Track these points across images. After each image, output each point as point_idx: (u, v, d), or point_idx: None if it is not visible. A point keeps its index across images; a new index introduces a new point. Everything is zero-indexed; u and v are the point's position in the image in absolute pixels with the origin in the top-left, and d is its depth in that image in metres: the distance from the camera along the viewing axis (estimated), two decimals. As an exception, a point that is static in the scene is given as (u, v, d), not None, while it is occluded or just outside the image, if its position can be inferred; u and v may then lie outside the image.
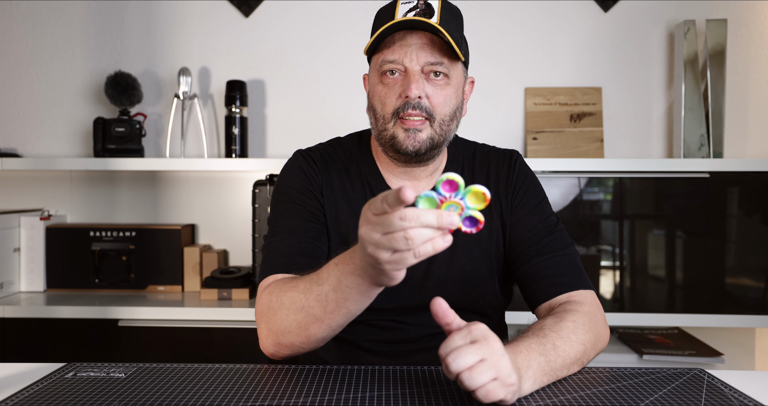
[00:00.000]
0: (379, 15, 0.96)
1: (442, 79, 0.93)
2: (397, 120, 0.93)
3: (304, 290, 0.80)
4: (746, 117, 1.97)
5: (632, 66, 1.98)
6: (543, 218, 1.00)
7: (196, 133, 2.00)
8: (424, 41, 0.91)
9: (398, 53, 0.91)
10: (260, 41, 1.99)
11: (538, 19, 1.98)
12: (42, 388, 0.77)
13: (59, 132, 2.01)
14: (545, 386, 0.77)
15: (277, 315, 0.83)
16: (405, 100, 0.91)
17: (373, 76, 0.97)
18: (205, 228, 2.01)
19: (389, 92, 0.93)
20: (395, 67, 0.92)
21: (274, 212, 1.00)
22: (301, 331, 0.82)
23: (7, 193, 2.02)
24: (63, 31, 1.99)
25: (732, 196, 1.75)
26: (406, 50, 0.91)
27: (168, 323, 1.67)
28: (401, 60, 0.91)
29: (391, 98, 0.93)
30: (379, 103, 0.94)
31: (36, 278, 1.86)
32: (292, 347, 0.85)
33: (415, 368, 0.85)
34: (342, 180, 1.01)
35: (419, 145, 0.93)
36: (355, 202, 1.00)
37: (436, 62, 0.91)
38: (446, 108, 0.94)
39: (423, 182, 1.01)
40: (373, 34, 0.93)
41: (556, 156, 1.90)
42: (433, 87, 0.92)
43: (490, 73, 1.97)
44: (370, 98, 0.98)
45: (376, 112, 0.96)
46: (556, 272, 0.95)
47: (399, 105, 0.92)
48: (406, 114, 0.92)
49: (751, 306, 1.73)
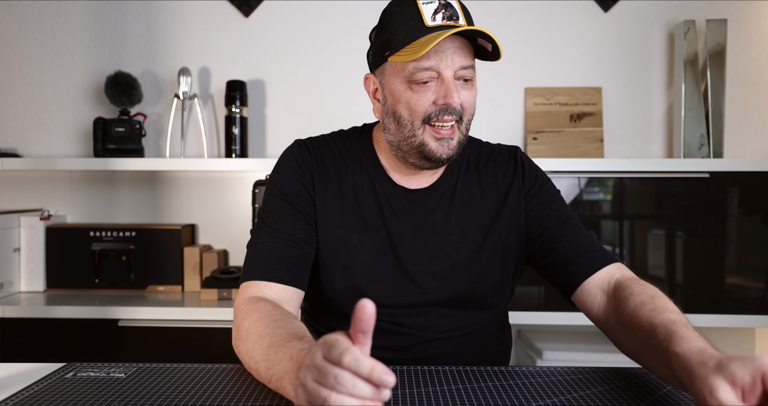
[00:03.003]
0: (396, 14, 0.92)
1: (469, 83, 0.93)
2: (427, 126, 0.92)
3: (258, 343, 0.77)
4: (746, 117, 1.97)
5: (632, 66, 1.98)
6: (563, 204, 1.02)
7: (196, 133, 2.00)
8: (457, 45, 0.90)
9: (434, 60, 0.89)
10: (260, 41, 1.99)
11: (538, 19, 1.98)
12: (42, 388, 0.77)
13: (59, 132, 2.01)
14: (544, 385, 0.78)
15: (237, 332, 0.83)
16: (441, 107, 0.90)
17: (395, 82, 0.93)
18: (205, 228, 2.01)
19: (420, 99, 0.91)
20: (429, 73, 0.90)
21: (264, 205, 1.00)
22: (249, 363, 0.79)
23: (7, 193, 2.02)
24: (63, 32, 1.99)
25: (732, 196, 1.75)
26: (441, 56, 0.89)
27: (168, 323, 1.67)
28: (437, 66, 0.89)
29: (423, 105, 0.91)
30: (407, 109, 0.92)
31: (36, 278, 1.86)
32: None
33: (415, 368, 0.85)
34: (339, 169, 1.01)
35: (452, 152, 0.93)
36: (352, 191, 0.99)
37: (468, 66, 0.91)
38: (472, 108, 0.94)
39: (427, 178, 1.01)
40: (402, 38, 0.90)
41: (556, 156, 1.90)
42: (463, 91, 0.92)
43: (490, 73, 1.97)
44: (392, 104, 0.94)
45: (401, 119, 0.93)
46: (591, 247, 0.96)
47: (432, 111, 0.91)
48: (441, 120, 0.91)
49: (751, 306, 1.73)
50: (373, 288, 0.97)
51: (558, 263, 0.97)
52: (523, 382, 0.80)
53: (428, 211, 0.99)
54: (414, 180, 1.00)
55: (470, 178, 1.02)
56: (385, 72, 0.95)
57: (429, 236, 0.98)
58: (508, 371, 0.85)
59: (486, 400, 0.73)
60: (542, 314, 1.73)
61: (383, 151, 1.02)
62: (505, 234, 1.00)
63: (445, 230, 0.98)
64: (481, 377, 0.82)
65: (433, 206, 0.99)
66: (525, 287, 1.76)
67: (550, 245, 0.98)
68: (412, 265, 0.97)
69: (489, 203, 1.00)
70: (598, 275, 0.93)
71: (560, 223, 0.98)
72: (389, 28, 0.92)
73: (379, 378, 0.55)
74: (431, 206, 0.99)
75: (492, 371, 0.85)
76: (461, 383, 0.79)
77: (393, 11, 0.93)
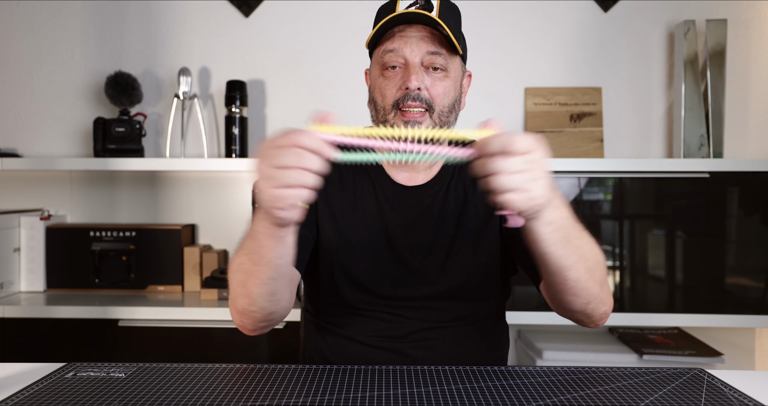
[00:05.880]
0: (380, 12, 0.99)
1: (441, 73, 0.96)
2: (397, 112, 0.95)
3: (239, 250, 0.84)
4: (746, 117, 1.97)
5: (632, 66, 1.98)
6: None
7: (196, 133, 2.00)
8: (424, 33, 0.95)
9: (398, 43, 0.94)
10: (260, 41, 1.99)
11: (538, 19, 1.98)
12: (42, 388, 0.77)
13: (59, 132, 2.01)
14: (544, 385, 0.77)
15: (230, 283, 0.87)
16: (405, 92, 0.94)
17: (374, 70, 1.00)
18: (205, 228, 2.01)
19: (389, 84, 0.96)
20: (395, 58, 0.95)
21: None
22: (244, 290, 0.83)
23: (7, 193, 2.01)
24: (63, 32, 1.99)
25: (732, 196, 1.75)
26: (406, 41, 0.94)
27: (168, 323, 1.67)
28: (401, 50, 0.94)
29: (392, 90, 0.95)
30: (380, 94, 0.97)
31: (36, 278, 1.86)
32: (245, 313, 0.86)
33: (415, 368, 0.85)
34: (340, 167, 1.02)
35: None
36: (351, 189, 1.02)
37: (435, 52, 0.94)
38: (445, 99, 0.96)
39: (422, 174, 1.03)
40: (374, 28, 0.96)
41: (556, 156, 1.90)
42: (432, 79, 0.95)
43: (490, 73, 1.97)
44: (371, 91, 1.01)
45: (376, 104, 0.98)
46: None
47: (399, 96, 0.95)
48: (406, 105, 0.94)
49: (751, 306, 1.73)
50: (372, 281, 0.99)
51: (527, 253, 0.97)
52: (523, 382, 0.80)
53: (425, 206, 1.02)
54: (412, 177, 1.03)
55: (464, 174, 1.04)
56: (371, 64, 1.02)
57: (425, 230, 1.00)
58: (507, 370, 0.85)
59: (486, 400, 0.73)
60: (542, 314, 1.73)
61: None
62: (496, 228, 1.02)
63: (441, 223, 1.01)
64: (480, 377, 0.82)
65: (429, 201, 1.02)
66: (525, 287, 1.76)
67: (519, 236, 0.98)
68: (410, 257, 1.00)
69: (481, 199, 1.02)
70: None
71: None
72: (374, 22, 0.99)
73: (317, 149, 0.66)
74: (428, 202, 1.02)
75: (492, 370, 0.85)
76: (461, 383, 0.79)
77: (380, 8, 1.00)
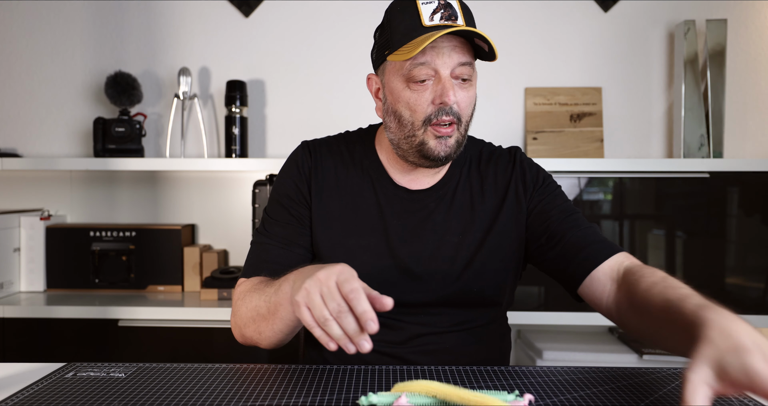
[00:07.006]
0: (396, 14, 0.93)
1: (467, 82, 0.93)
2: (428, 127, 0.92)
3: (258, 291, 0.89)
4: (746, 117, 1.97)
5: (632, 66, 1.98)
6: (565, 199, 1.04)
7: (196, 133, 2.00)
8: (455, 44, 0.91)
9: (429, 55, 0.90)
10: (260, 41, 1.99)
11: (538, 19, 1.98)
12: (42, 388, 0.77)
13: (59, 132, 2.01)
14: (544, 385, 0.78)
15: (239, 310, 0.93)
16: (439, 107, 0.91)
17: (395, 81, 0.94)
18: (205, 228, 2.01)
19: (419, 99, 0.92)
20: (426, 70, 0.90)
21: (267, 206, 1.05)
22: (254, 326, 0.90)
23: (7, 193, 2.02)
24: (63, 31, 1.99)
25: (732, 196, 1.75)
26: (438, 52, 0.90)
27: (168, 323, 1.67)
28: (433, 62, 0.90)
29: (422, 105, 0.92)
30: (407, 109, 0.93)
31: (36, 278, 1.86)
32: (251, 340, 0.93)
33: (415, 368, 0.85)
34: (338, 171, 1.03)
35: (450, 150, 0.94)
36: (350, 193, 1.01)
37: (465, 63, 0.91)
38: (470, 109, 0.95)
39: (429, 179, 1.02)
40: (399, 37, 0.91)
41: (556, 156, 1.90)
42: (461, 90, 0.92)
43: (490, 73, 1.97)
44: (392, 103, 0.95)
45: (402, 119, 0.94)
46: (597, 239, 0.97)
47: (431, 112, 0.92)
48: (440, 120, 0.91)
49: (751, 306, 1.73)
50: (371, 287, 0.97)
51: (564, 255, 0.97)
52: (523, 382, 0.80)
53: (428, 211, 1.00)
54: (416, 181, 1.01)
55: (471, 179, 1.03)
56: (385, 71, 0.96)
57: (428, 237, 0.99)
58: (508, 371, 0.85)
59: (486, 400, 0.73)
60: (542, 314, 1.73)
61: (385, 152, 1.03)
62: (504, 235, 1.00)
63: (445, 231, 0.99)
64: (481, 377, 0.82)
65: (433, 206, 1.00)
66: (525, 287, 1.76)
67: (555, 238, 0.98)
68: (411, 265, 0.98)
69: (489, 204, 1.01)
70: (607, 263, 0.94)
71: (564, 217, 0.99)
72: (389, 27, 0.93)
73: (365, 320, 0.67)
74: (431, 207, 1.00)
75: (492, 371, 0.85)
76: (461, 383, 0.79)
77: (394, 11, 0.94)
